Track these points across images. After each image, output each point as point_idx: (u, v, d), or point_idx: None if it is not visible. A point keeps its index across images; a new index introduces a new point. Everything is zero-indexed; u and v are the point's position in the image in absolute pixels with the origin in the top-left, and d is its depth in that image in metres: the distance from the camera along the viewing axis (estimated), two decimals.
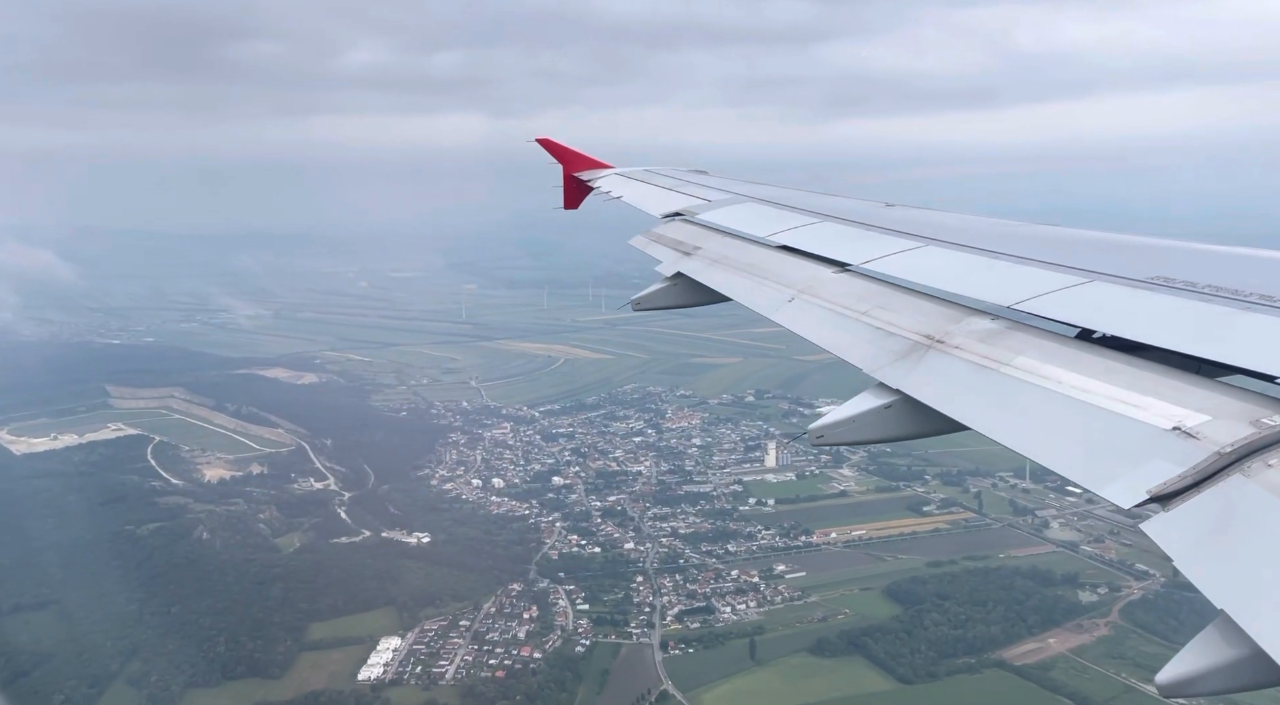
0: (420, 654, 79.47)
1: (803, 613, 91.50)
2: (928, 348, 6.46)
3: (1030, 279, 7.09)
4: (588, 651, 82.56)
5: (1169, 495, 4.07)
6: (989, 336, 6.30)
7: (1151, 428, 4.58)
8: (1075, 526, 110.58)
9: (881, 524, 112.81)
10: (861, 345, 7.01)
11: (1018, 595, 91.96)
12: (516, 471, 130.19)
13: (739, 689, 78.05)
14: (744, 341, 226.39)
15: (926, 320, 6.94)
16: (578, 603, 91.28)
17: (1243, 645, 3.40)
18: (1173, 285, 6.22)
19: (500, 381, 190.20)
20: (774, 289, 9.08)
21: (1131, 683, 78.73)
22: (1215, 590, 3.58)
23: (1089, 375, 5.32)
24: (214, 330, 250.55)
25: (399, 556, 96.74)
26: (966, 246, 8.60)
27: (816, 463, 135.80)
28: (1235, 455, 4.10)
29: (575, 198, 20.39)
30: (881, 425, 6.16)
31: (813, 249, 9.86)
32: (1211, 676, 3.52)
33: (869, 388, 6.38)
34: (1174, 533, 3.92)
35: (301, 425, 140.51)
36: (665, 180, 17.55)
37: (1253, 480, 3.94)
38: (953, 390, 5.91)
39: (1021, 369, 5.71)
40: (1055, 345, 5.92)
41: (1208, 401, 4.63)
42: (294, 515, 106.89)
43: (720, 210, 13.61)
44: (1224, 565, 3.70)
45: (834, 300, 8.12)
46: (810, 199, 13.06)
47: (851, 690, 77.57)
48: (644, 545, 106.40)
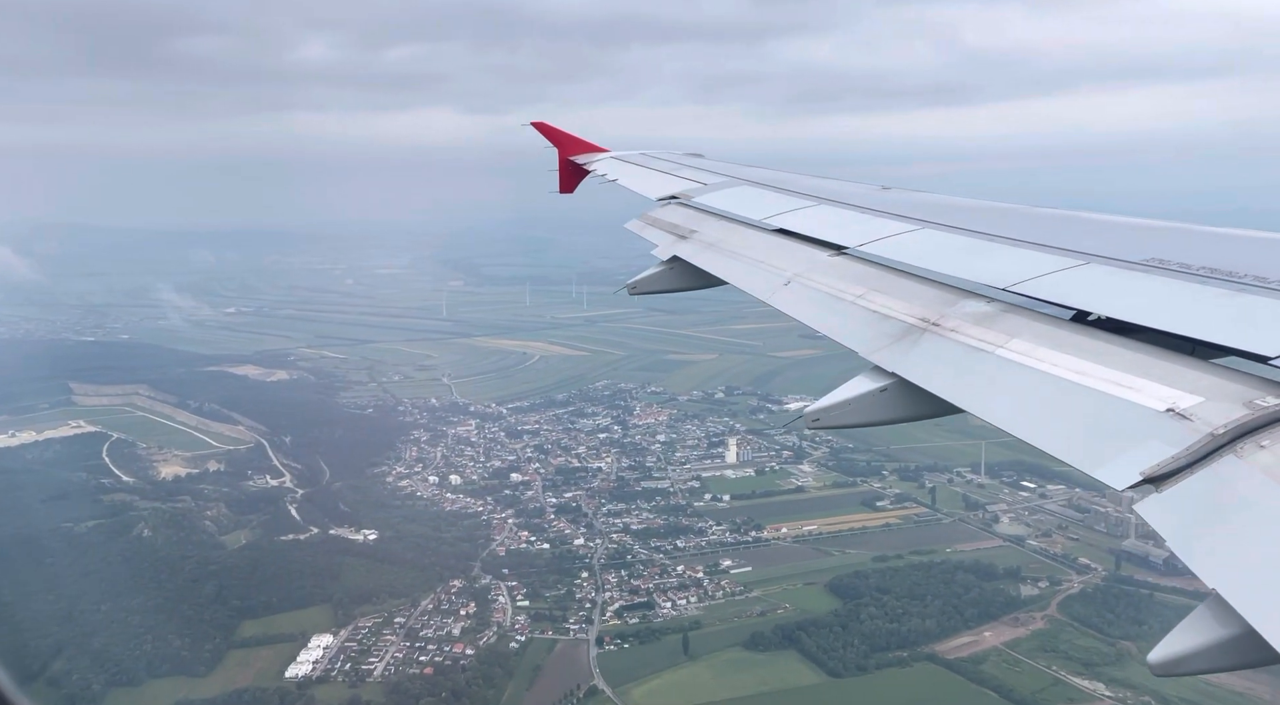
0: (351, 651, 79.61)
1: (743, 608, 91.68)
2: (923, 331, 6.47)
3: (1026, 261, 7.10)
4: (522, 648, 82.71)
5: (1162, 476, 4.09)
6: (984, 319, 6.33)
7: (1145, 409, 4.59)
8: (1025, 521, 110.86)
9: (834, 519, 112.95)
10: (857, 328, 7.00)
11: (957, 589, 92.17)
12: (476, 469, 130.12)
13: (668, 684, 78.21)
14: (722, 338, 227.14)
15: (922, 303, 6.94)
16: (518, 599, 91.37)
17: (1234, 624, 3.42)
18: (1167, 267, 6.25)
19: (472, 378, 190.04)
20: (770, 273, 9.07)
21: (1061, 675, 79.24)
22: (1207, 570, 3.60)
23: (1083, 357, 5.33)
24: (192, 327, 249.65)
25: (342, 553, 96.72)
26: (962, 229, 8.61)
27: (777, 459, 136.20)
28: (1228, 436, 4.12)
29: (570, 181, 20.41)
30: (877, 408, 6.18)
31: (809, 232, 9.83)
32: (1203, 655, 3.56)
33: (864, 371, 6.38)
34: (1166, 513, 3.95)
35: (263, 422, 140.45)
36: (661, 164, 17.54)
37: (1245, 461, 3.96)
38: (947, 373, 5.94)
39: (1016, 351, 5.73)
40: (1050, 327, 5.94)
41: (1201, 383, 4.64)
42: (243, 512, 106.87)
43: (716, 193, 13.61)
44: (1216, 545, 3.73)
45: (829, 284, 8.13)
46: (806, 182, 13.01)
47: (779, 684, 77.81)
48: (594, 541, 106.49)
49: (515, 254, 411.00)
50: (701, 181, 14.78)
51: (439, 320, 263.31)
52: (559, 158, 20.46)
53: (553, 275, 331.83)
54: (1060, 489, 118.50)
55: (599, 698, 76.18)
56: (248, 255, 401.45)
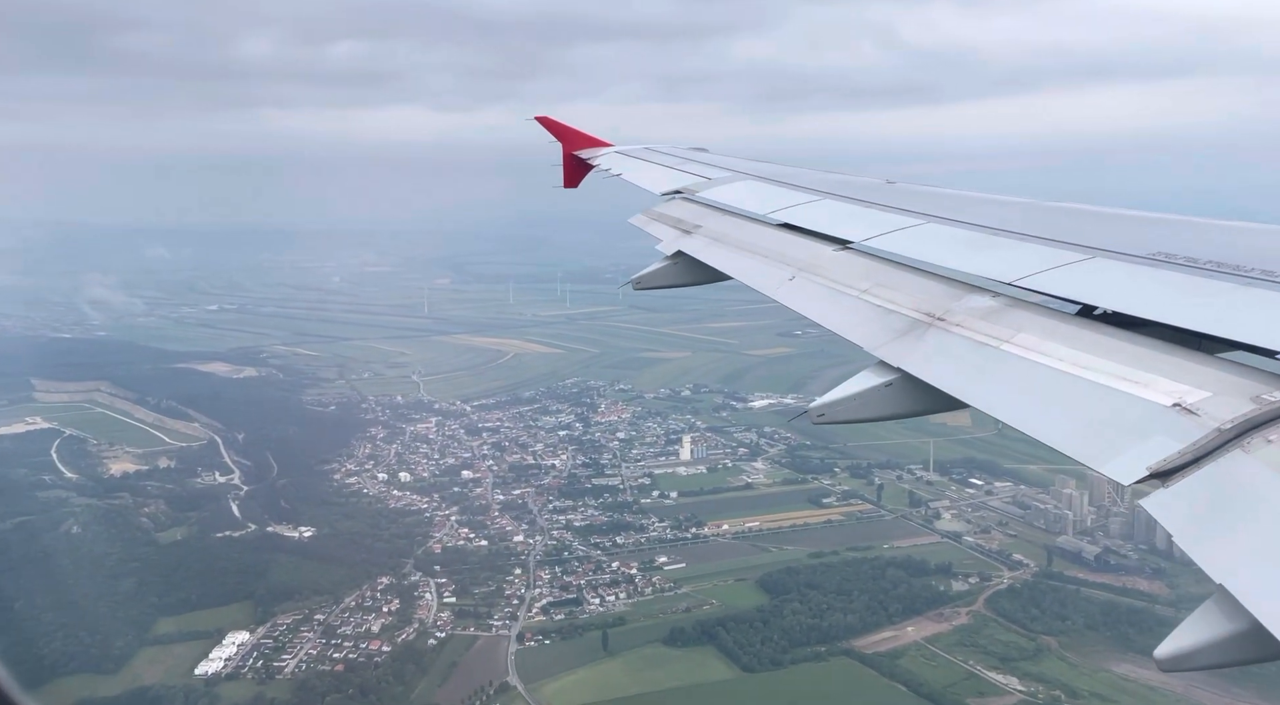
0: (266, 648, 79.64)
1: (670, 604, 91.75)
2: (928, 325, 6.47)
3: (1031, 256, 7.08)
4: (440, 644, 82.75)
5: (1169, 472, 4.08)
6: (989, 314, 6.33)
7: (1152, 405, 4.58)
8: (966, 518, 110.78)
9: (777, 516, 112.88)
10: (862, 323, 7.03)
11: (885, 585, 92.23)
12: (428, 465, 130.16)
13: (582, 680, 78.21)
14: (699, 336, 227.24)
15: (927, 298, 6.94)
16: (445, 596, 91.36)
17: (1241, 619, 3.42)
18: (1174, 261, 6.22)
19: (443, 376, 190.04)
20: (775, 267, 9.09)
21: (976, 670, 79.37)
22: (1214, 566, 3.59)
23: (1089, 352, 5.32)
24: (172, 324, 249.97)
25: (274, 551, 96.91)
26: (968, 223, 8.60)
27: (732, 456, 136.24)
28: (1235, 431, 4.10)
29: (575, 176, 20.44)
30: (882, 403, 6.18)
31: (814, 226, 9.83)
32: (1210, 650, 3.55)
33: (870, 366, 6.39)
34: (1173, 509, 3.94)
35: (221, 419, 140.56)
36: (665, 158, 17.53)
37: (1253, 456, 3.95)
38: (952, 368, 5.94)
39: (1022, 346, 5.71)
40: (1056, 322, 5.92)
41: (1208, 378, 4.62)
42: (183, 509, 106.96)
43: (721, 188, 13.55)
44: (1223, 541, 3.71)
45: (835, 278, 8.15)
46: (811, 176, 13.00)
47: (691, 680, 77.98)
48: (534, 538, 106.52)
49: (508, 252, 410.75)
50: (706, 176, 14.81)
51: (419, 318, 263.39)
52: (563, 152, 20.55)
53: (542, 273, 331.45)
54: (1007, 486, 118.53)
55: (510, 694, 76.19)
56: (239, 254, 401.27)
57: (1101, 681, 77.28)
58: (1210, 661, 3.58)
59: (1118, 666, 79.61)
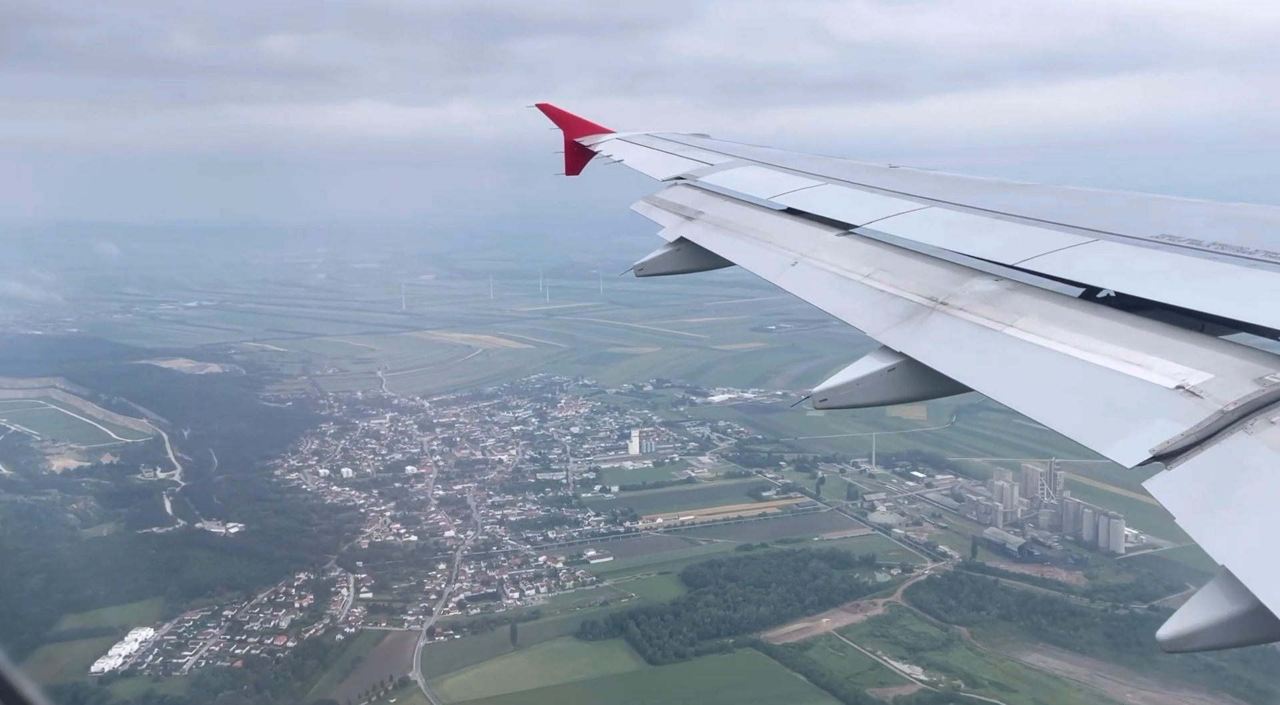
0: (169, 645, 79.47)
1: (589, 597, 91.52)
2: (931, 310, 6.47)
3: (1035, 238, 7.06)
4: (348, 640, 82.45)
5: (1172, 454, 4.06)
6: (992, 297, 6.30)
7: (1155, 387, 4.56)
8: (901, 510, 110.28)
9: (713, 509, 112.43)
10: (864, 308, 7.03)
11: (806, 577, 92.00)
12: (373, 461, 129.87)
13: (484, 674, 78.02)
14: (672, 331, 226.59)
15: (930, 282, 6.92)
16: (362, 592, 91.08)
17: (1244, 600, 3.42)
18: (1177, 243, 6.20)
19: (408, 372, 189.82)
20: (777, 253, 9.06)
21: (882, 660, 79.29)
22: (1217, 547, 3.58)
23: (1092, 335, 5.29)
24: (146, 322, 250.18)
25: (195, 547, 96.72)
26: (971, 207, 8.58)
27: (681, 450, 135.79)
28: (1238, 413, 4.07)
29: (576, 164, 20.36)
30: (885, 388, 6.21)
31: (817, 211, 9.78)
32: (1212, 631, 3.56)
33: (873, 351, 6.39)
34: (1176, 491, 3.91)
35: (171, 416, 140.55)
36: (667, 144, 17.52)
37: (1255, 438, 3.92)
38: (955, 352, 5.94)
39: (1024, 330, 5.70)
40: (1058, 305, 5.89)
41: (1211, 360, 4.59)
42: (115, 506, 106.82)
43: (723, 173, 13.53)
44: (1225, 522, 3.69)
45: (837, 263, 8.14)
46: (813, 162, 13.03)
47: (594, 673, 77.84)
48: (466, 533, 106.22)
49: (500, 248, 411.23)
50: (708, 162, 14.81)
51: (397, 314, 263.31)
52: (564, 139, 20.45)
53: (529, 269, 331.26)
54: (948, 478, 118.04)
55: (410, 689, 75.89)
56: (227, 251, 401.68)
57: (1005, 671, 76.98)
58: (1212, 642, 3.59)
59: (1026, 656, 79.34)
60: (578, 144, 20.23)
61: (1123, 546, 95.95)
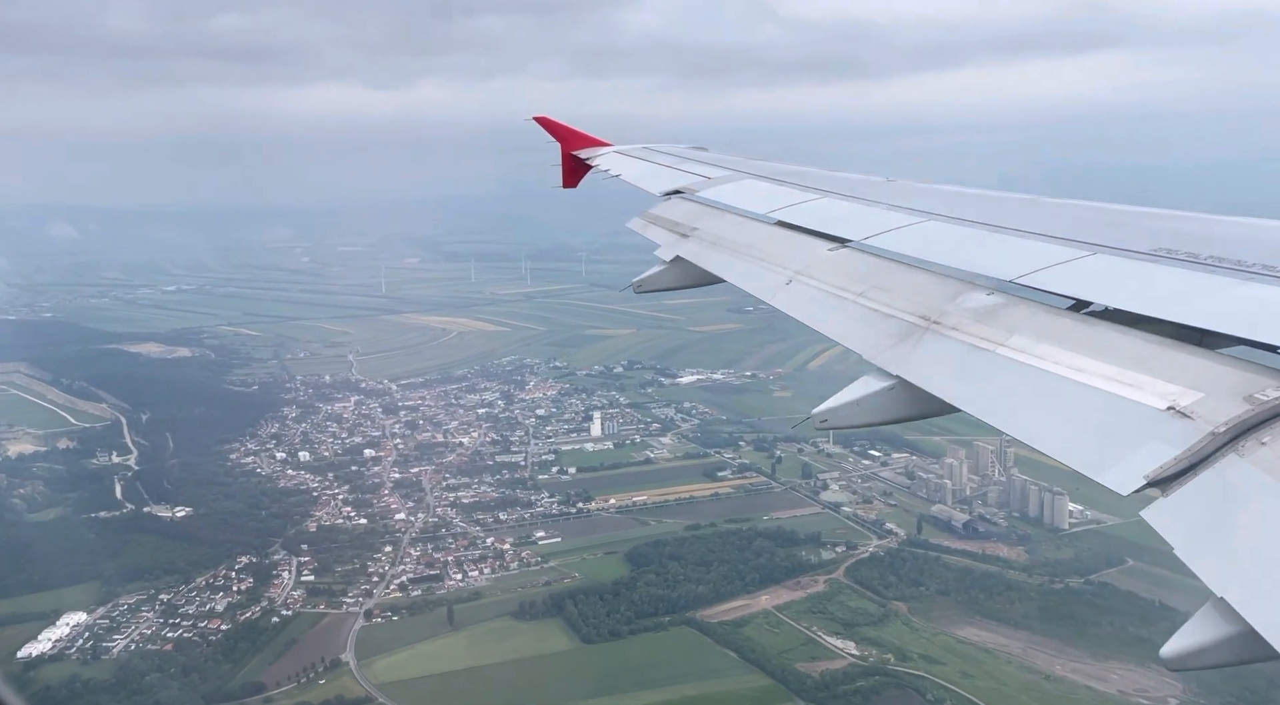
0: (100, 628, 79.21)
1: (533, 578, 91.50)
2: (925, 330, 6.43)
3: (1032, 253, 7.03)
4: (284, 622, 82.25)
5: (1166, 479, 4.04)
6: (984, 315, 6.24)
7: (1146, 408, 4.52)
8: (853, 488, 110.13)
9: (668, 490, 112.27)
10: (859, 329, 6.99)
11: (749, 555, 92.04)
12: (332, 445, 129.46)
13: (417, 655, 78.11)
14: (650, 313, 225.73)
15: (923, 299, 6.87)
16: (304, 575, 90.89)
17: (1240, 622, 3.43)
18: (1175, 257, 6.19)
19: (379, 355, 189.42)
20: (772, 271, 9.01)
21: (816, 635, 79.54)
22: (1215, 579, 3.57)
23: (1084, 353, 5.25)
24: (123, 306, 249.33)
25: (141, 531, 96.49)
26: (968, 220, 8.53)
27: (644, 431, 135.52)
28: (1229, 435, 4.06)
29: (574, 176, 20.21)
30: (884, 408, 6.18)
31: (813, 225, 9.75)
32: (1214, 650, 3.55)
33: (871, 371, 6.36)
34: (1173, 520, 3.90)
35: (131, 400, 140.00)
36: (664, 157, 17.47)
37: (1247, 460, 3.91)
38: (949, 374, 5.90)
39: (1016, 349, 5.65)
40: (1050, 321, 5.86)
41: (1201, 377, 4.56)
42: (64, 490, 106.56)
43: (720, 187, 13.42)
44: (1221, 552, 3.68)
45: (832, 281, 8.08)
46: (812, 175, 12.93)
47: (528, 652, 77.73)
48: (416, 516, 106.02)
49: (487, 230, 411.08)
50: (705, 175, 14.66)
51: (375, 297, 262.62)
52: (561, 152, 20.32)
53: (514, 252, 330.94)
54: (904, 456, 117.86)
55: (340, 670, 75.78)
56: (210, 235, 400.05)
57: (938, 645, 77.08)
58: (1216, 661, 3.57)
59: (961, 630, 79.43)
60: (575, 157, 20.13)
61: (1066, 522, 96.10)
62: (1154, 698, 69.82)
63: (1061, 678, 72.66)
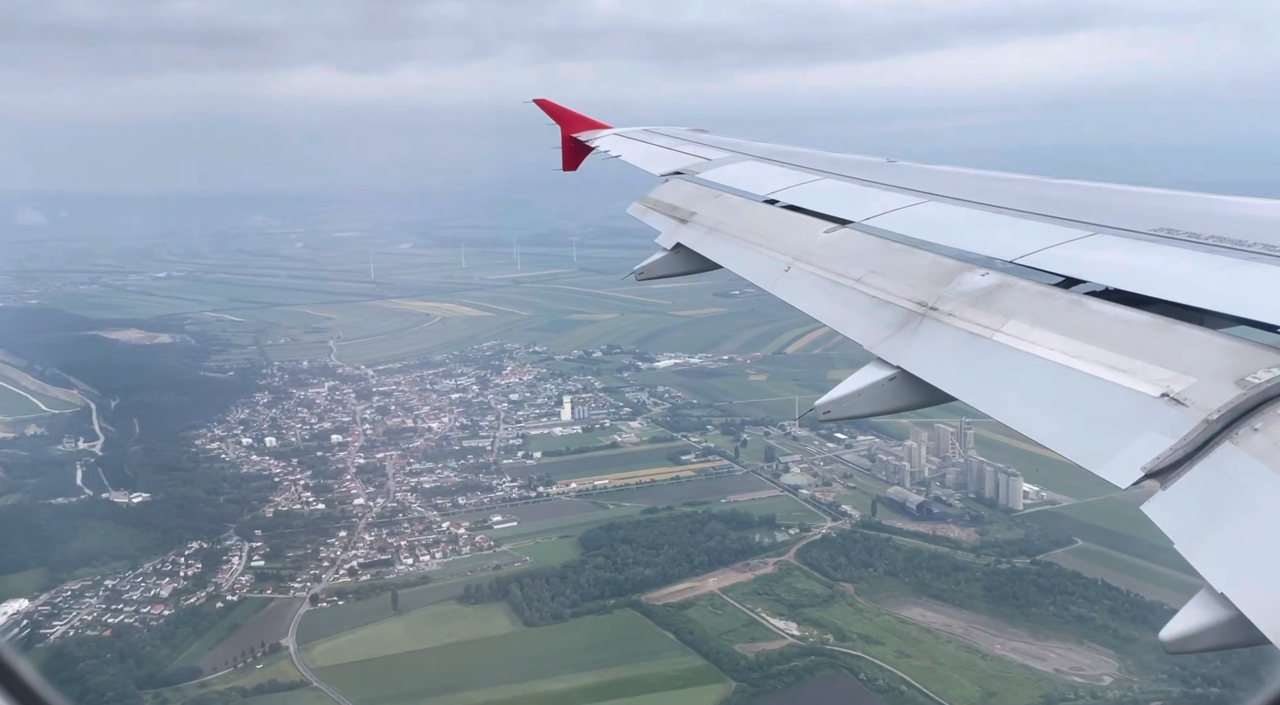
0: (40, 615, 79.17)
1: (483, 562, 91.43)
2: (922, 317, 6.44)
3: (1033, 233, 7.05)
4: (228, 607, 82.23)
5: (1163, 470, 4.02)
6: (980, 299, 6.23)
7: (1140, 395, 4.50)
8: (814, 471, 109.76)
9: (630, 473, 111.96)
10: (858, 318, 6.98)
11: (701, 538, 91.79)
12: (301, 430, 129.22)
13: (358, 639, 78.12)
14: (635, 297, 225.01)
15: (921, 284, 6.86)
16: (254, 560, 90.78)
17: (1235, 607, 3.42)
18: (1176, 237, 6.21)
19: (360, 341, 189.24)
20: (771, 257, 8.97)
21: (759, 617, 79.52)
22: (1214, 574, 3.55)
23: (1079, 338, 5.23)
24: (112, 293, 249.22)
25: (94, 517, 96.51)
26: (969, 201, 8.55)
27: (614, 415, 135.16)
28: (1222, 422, 4.03)
29: (574, 159, 20.32)
30: (887, 398, 6.17)
31: (813, 206, 9.74)
32: (1213, 632, 3.52)
33: (873, 360, 6.35)
34: (1171, 513, 3.86)
35: (103, 387, 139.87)
36: (664, 139, 17.49)
37: (1241, 447, 3.89)
38: (946, 363, 5.92)
39: (1012, 335, 5.64)
40: (1045, 304, 5.83)
41: (1194, 360, 4.54)
42: (24, 476, 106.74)
43: (720, 169, 13.39)
44: (1219, 546, 3.67)
45: (830, 266, 8.04)
46: (811, 155, 13.00)
47: (467, 636, 77.61)
48: (375, 501, 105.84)
49: (483, 215, 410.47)
50: (705, 157, 14.64)
51: (364, 283, 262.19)
52: (562, 135, 20.34)
53: (508, 237, 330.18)
54: (869, 439, 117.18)
55: (279, 655, 75.72)
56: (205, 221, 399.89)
57: (880, 625, 76.94)
58: (1215, 643, 3.55)
59: (906, 611, 79.25)
60: (575, 139, 20.11)
61: (1020, 503, 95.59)
62: (1089, 675, 69.62)
63: (1000, 656, 72.48)
